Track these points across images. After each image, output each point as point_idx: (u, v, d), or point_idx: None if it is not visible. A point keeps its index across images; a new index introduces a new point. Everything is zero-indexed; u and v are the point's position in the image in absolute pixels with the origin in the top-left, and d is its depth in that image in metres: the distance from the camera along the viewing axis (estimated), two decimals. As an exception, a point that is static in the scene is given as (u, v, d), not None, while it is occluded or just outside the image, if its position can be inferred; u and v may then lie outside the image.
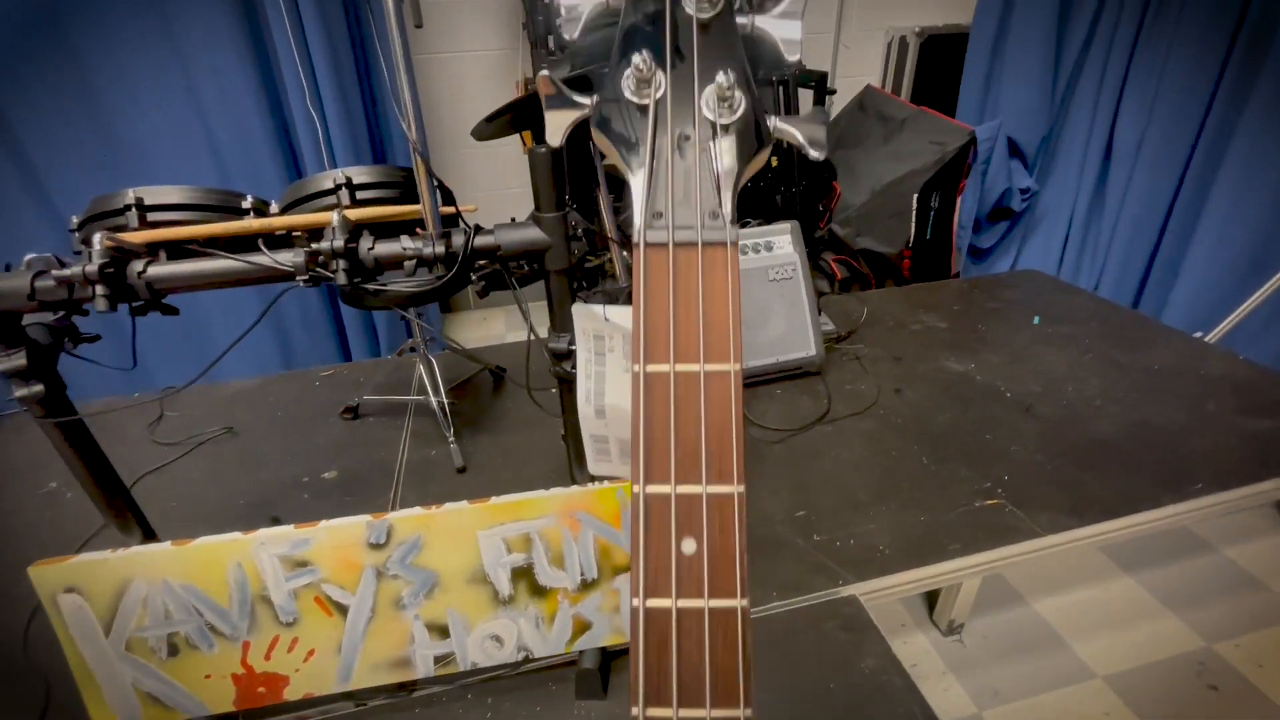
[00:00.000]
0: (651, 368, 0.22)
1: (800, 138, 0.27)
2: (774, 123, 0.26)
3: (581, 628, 0.87)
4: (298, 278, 0.65)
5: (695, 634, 0.22)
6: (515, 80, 2.53)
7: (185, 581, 0.76)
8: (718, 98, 0.25)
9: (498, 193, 2.76)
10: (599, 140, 0.26)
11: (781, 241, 1.62)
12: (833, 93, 2.33)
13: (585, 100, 0.26)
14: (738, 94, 0.24)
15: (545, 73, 0.28)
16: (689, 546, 0.22)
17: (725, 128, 0.25)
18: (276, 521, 1.21)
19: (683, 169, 0.24)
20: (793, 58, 0.26)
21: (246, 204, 0.73)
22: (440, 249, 0.69)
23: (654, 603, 0.22)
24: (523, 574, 0.84)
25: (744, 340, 1.59)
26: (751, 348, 1.55)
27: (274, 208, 0.75)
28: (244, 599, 0.79)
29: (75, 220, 0.72)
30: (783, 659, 0.93)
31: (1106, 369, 1.60)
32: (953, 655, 1.29)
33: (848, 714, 0.86)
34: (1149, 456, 1.30)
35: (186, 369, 0.85)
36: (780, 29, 0.26)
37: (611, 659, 0.92)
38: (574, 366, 0.74)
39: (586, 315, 0.51)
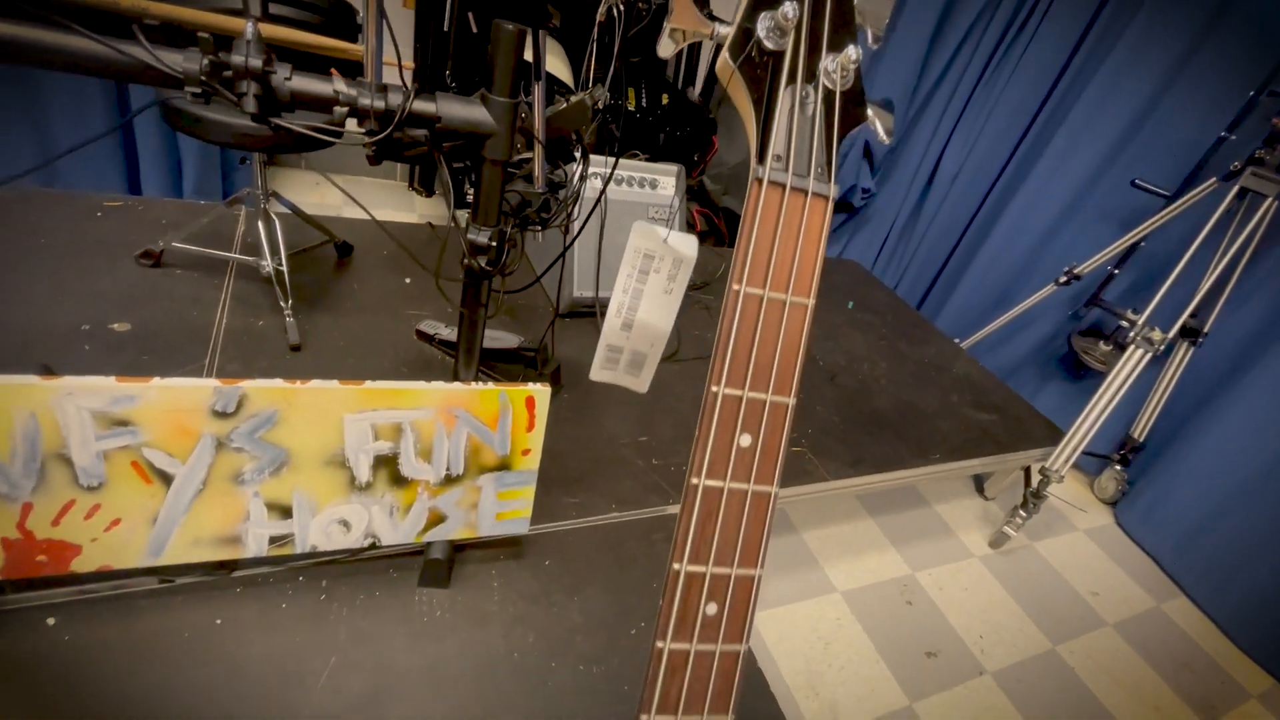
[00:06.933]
0: (749, 289, 0.26)
1: (880, 128, 0.31)
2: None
3: (436, 520, 0.88)
4: (186, 88, 0.52)
5: (736, 510, 0.27)
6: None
7: (-51, 425, 0.62)
8: (840, 66, 0.28)
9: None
10: (724, 69, 0.27)
11: (665, 183, 1.66)
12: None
13: (720, 27, 0.26)
14: (855, 68, 0.28)
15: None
16: (745, 440, 0.27)
17: (841, 94, 0.28)
18: (48, 371, 1.00)
19: (801, 120, 0.27)
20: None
21: (105, -31, 0.55)
22: (379, 103, 0.60)
23: (709, 482, 0.27)
24: (386, 462, 0.81)
25: (611, 270, 1.62)
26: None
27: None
28: (32, 455, 0.67)
29: None
30: (615, 561, 1.03)
31: (893, 355, 1.94)
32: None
33: (664, 609, 0.99)
34: (909, 429, 1.63)
35: None
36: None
37: (458, 553, 0.95)
38: (490, 262, 0.72)
39: (646, 233, 0.51)
